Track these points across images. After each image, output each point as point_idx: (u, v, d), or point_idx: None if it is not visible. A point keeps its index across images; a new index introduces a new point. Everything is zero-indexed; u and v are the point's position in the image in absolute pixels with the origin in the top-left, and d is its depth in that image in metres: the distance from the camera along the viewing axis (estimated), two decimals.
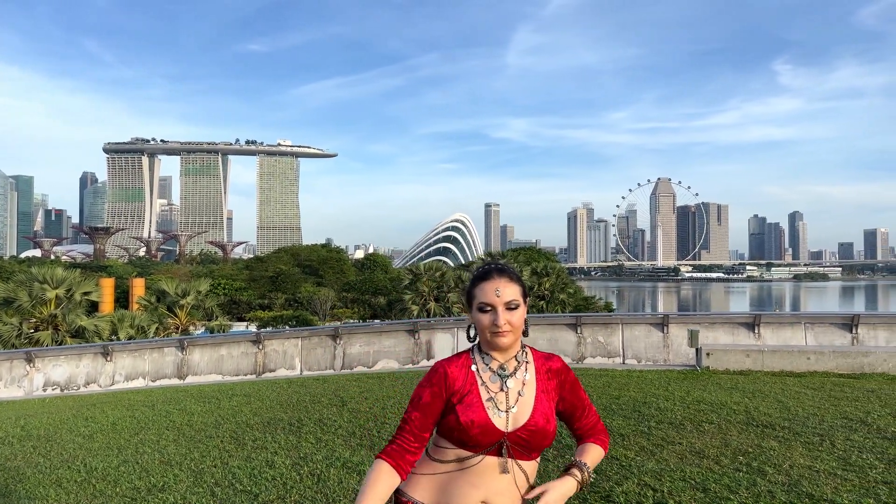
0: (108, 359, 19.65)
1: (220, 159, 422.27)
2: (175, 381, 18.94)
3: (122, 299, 70.17)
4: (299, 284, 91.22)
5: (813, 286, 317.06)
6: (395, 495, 2.41)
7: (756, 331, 16.39)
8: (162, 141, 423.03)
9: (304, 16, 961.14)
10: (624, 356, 17.00)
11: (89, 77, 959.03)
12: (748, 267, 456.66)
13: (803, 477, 5.71)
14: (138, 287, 68.78)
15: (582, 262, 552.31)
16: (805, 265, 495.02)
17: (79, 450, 8.80)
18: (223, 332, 40.56)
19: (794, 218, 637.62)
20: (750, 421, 7.96)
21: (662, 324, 17.11)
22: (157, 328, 35.00)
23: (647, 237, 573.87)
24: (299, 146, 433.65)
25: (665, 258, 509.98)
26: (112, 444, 8.95)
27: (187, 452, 7.99)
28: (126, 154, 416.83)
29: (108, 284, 65.46)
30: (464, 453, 2.37)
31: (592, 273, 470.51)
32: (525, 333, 2.52)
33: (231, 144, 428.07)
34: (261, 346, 19.30)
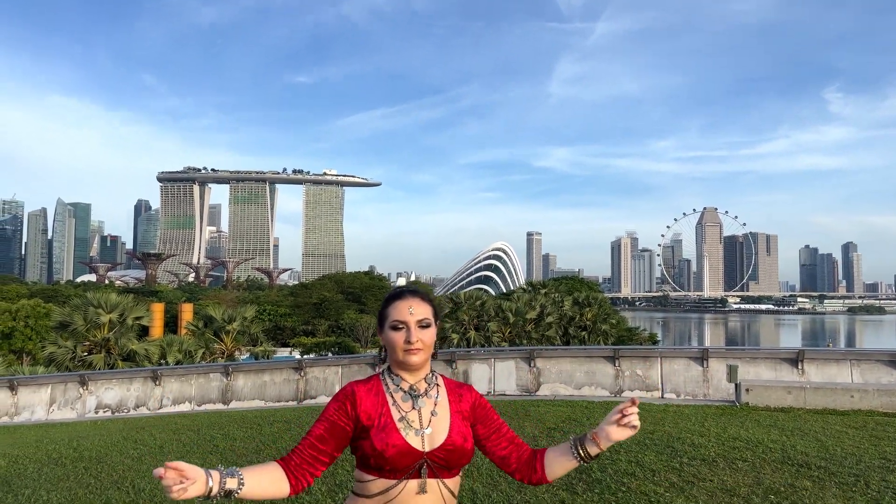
0: (157, 383, 20.30)
1: (267, 188, 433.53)
2: (219, 406, 19.44)
3: (172, 324, 72.03)
4: (342, 311, 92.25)
5: (868, 319, 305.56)
6: None
7: (800, 367, 16.06)
8: (213, 170, 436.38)
9: (349, 48, 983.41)
10: (663, 390, 16.81)
11: (143, 108, 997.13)
12: (799, 299, 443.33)
13: None
14: (187, 312, 70.54)
15: (626, 291, 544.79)
16: (860, 297, 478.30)
17: (128, 471, 9.19)
18: (267, 357, 41.38)
19: (847, 249, 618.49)
20: (785, 459, 7.88)
21: (702, 358, 16.89)
22: (203, 353, 35.95)
23: (693, 267, 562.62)
24: (344, 175, 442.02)
25: (712, 289, 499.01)
26: (159, 467, 9.30)
27: None
28: (178, 182, 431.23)
29: (158, 309, 67.39)
30: (387, 482, 2.36)
31: (636, 303, 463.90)
32: (434, 356, 2.57)
33: (278, 173, 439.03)
34: (302, 373, 19.70)
